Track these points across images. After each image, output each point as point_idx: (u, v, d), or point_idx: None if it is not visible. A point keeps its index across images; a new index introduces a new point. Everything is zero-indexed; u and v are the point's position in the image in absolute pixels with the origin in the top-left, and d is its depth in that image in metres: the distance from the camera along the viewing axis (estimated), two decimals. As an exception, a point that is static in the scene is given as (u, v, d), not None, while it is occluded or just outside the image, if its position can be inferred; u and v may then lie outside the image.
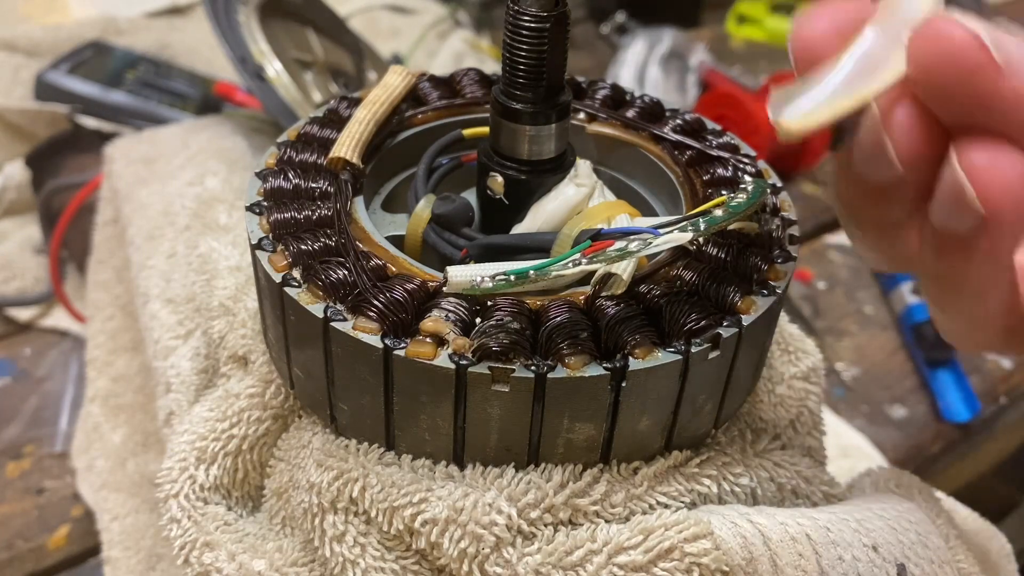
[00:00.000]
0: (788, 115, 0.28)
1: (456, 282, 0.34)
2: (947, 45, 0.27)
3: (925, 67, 0.28)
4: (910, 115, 0.29)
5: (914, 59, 0.28)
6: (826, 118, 0.28)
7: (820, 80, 0.29)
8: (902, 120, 0.29)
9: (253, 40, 0.72)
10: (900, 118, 0.29)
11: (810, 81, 0.29)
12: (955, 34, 0.27)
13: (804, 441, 0.47)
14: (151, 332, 0.56)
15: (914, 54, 0.28)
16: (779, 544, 0.36)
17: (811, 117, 0.28)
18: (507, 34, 0.40)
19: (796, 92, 0.29)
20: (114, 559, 0.61)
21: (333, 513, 0.38)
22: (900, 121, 0.29)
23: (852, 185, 0.33)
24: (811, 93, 0.29)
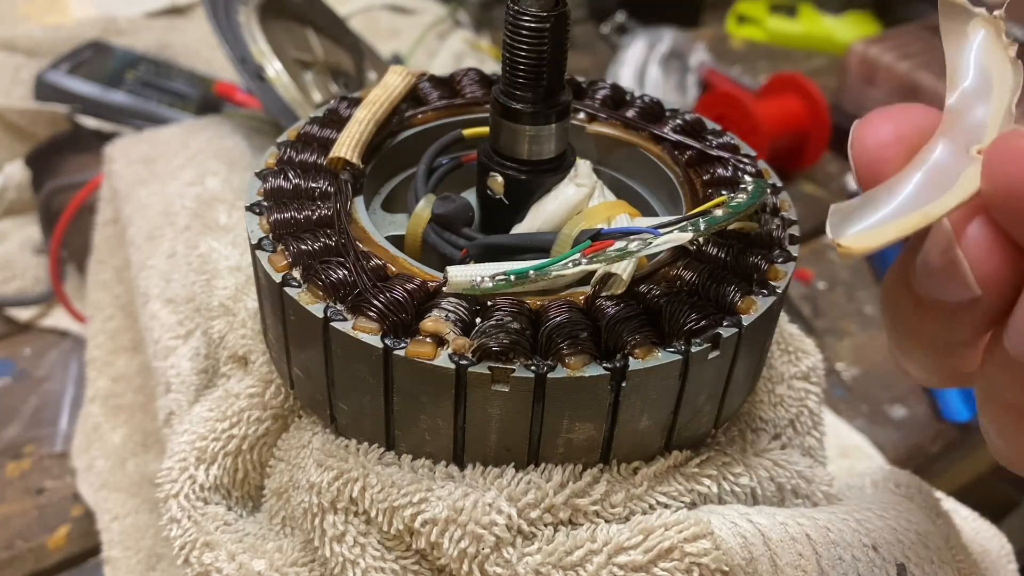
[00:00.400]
0: (851, 235, 0.26)
1: (456, 282, 0.34)
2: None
3: (1004, 187, 0.25)
4: (989, 233, 0.26)
5: (990, 177, 0.25)
6: (892, 238, 0.26)
7: (885, 197, 0.27)
8: (980, 238, 0.26)
9: (253, 40, 0.72)
10: (977, 236, 0.26)
11: (874, 197, 0.27)
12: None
13: (804, 441, 0.47)
14: (151, 332, 0.56)
15: (990, 172, 0.25)
16: (779, 544, 0.36)
17: (876, 237, 0.26)
18: (507, 34, 0.40)
19: (858, 209, 0.27)
20: (114, 559, 0.61)
21: (333, 513, 0.38)
22: (977, 239, 0.26)
23: (910, 303, 0.30)
24: (875, 211, 0.27)
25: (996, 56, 0.27)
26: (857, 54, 1.12)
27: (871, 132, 0.29)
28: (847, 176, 1.05)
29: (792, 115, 1.02)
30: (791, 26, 1.38)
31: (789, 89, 1.05)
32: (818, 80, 1.06)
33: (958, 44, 0.28)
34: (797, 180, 1.07)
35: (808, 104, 1.02)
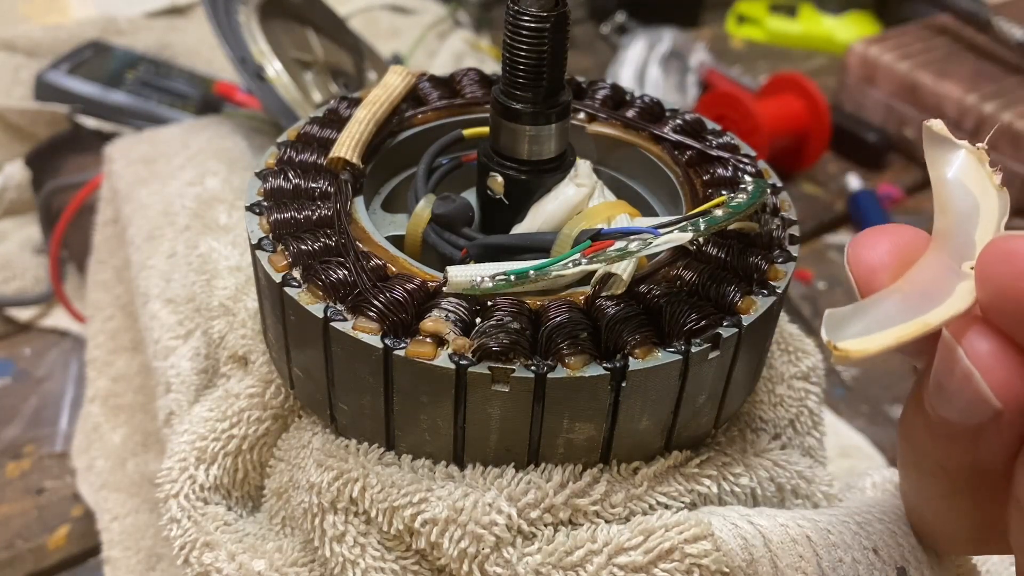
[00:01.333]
0: (846, 339, 0.26)
1: (456, 282, 0.34)
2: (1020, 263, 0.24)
3: (999, 290, 0.25)
4: (993, 341, 0.25)
5: (984, 282, 0.25)
6: (890, 344, 0.26)
7: (881, 306, 0.27)
8: (986, 347, 0.25)
9: (253, 40, 0.72)
10: (983, 346, 0.25)
11: (869, 305, 0.27)
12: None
13: (804, 441, 0.47)
14: (151, 332, 0.56)
15: (983, 277, 0.25)
16: (780, 546, 0.36)
17: (874, 342, 0.26)
18: (507, 34, 0.40)
19: (854, 315, 0.26)
20: (114, 559, 0.61)
21: (333, 513, 0.38)
22: (984, 349, 0.25)
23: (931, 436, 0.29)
24: (872, 318, 0.26)
25: (981, 183, 0.27)
26: (857, 54, 1.12)
27: (867, 248, 0.29)
28: (847, 176, 1.05)
29: (792, 115, 1.02)
30: (791, 26, 1.38)
31: (789, 89, 1.05)
32: (818, 80, 1.06)
33: (943, 172, 0.28)
34: (797, 180, 1.07)
35: (808, 104, 1.02)
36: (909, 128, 1.08)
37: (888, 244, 0.29)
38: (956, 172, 0.28)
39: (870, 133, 1.09)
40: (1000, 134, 1.00)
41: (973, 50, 1.12)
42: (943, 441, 0.29)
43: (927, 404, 0.28)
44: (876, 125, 1.11)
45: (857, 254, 0.29)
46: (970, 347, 0.25)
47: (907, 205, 1.03)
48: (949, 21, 1.16)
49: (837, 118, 1.07)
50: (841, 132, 1.07)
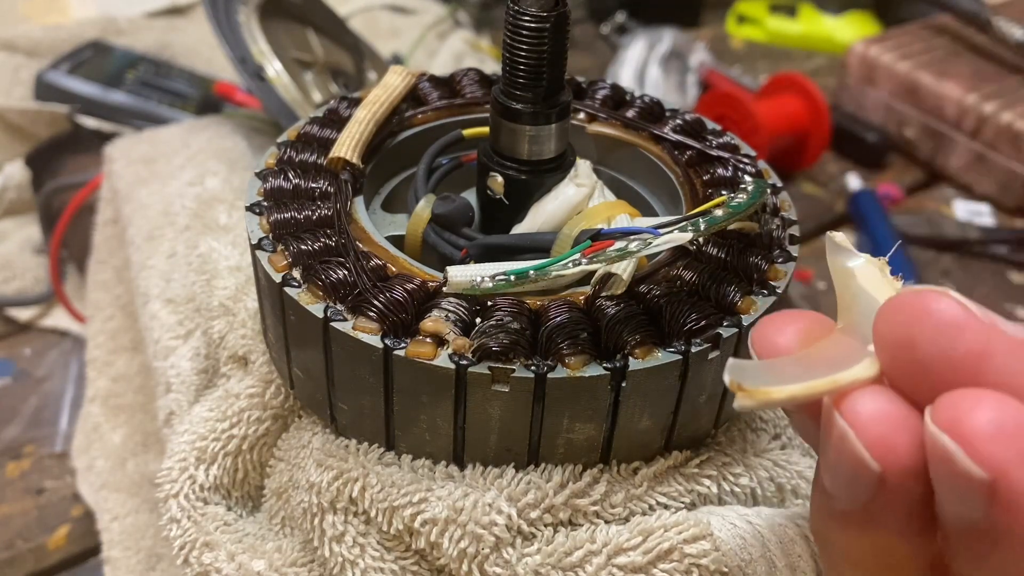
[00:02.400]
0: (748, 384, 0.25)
1: (456, 282, 0.34)
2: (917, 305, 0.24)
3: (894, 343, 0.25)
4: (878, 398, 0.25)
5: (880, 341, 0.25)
6: (798, 394, 0.25)
7: (786, 365, 0.27)
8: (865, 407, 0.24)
9: (253, 40, 0.72)
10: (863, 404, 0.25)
11: (774, 364, 0.28)
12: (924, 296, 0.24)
13: (804, 441, 0.47)
14: (151, 332, 0.56)
15: (879, 335, 0.25)
16: (777, 546, 0.36)
17: (781, 391, 0.25)
18: (507, 34, 0.40)
19: (758, 368, 0.27)
20: (114, 559, 0.61)
21: (332, 513, 0.38)
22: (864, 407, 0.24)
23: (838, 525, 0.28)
24: (776, 373, 0.26)
25: (883, 290, 0.28)
26: (857, 54, 1.12)
27: (774, 331, 0.29)
28: (847, 176, 1.05)
29: (792, 115, 1.02)
30: (791, 26, 1.38)
31: (789, 89, 1.05)
32: (818, 80, 1.06)
33: (846, 280, 0.29)
34: (797, 180, 1.07)
35: (808, 104, 1.02)
36: (909, 128, 1.08)
37: (795, 328, 0.28)
38: (856, 281, 0.28)
39: (870, 133, 1.09)
40: (1000, 134, 1.00)
41: (973, 50, 1.12)
42: (843, 530, 0.28)
43: (822, 487, 0.27)
44: (876, 125, 1.11)
45: (764, 335, 0.29)
46: (847, 407, 0.25)
47: (907, 205, 1.03)
48: (949, 21, 1.16)
49: (837, 118, 1.07)
50: (841, 132, 1.07)
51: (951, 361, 0.24)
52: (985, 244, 0.96)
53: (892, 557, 0.27)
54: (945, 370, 0.24)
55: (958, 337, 0.23)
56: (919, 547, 0.27)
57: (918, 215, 1.00)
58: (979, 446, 0.22)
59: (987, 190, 1.03)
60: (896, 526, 0.26)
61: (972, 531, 0.24)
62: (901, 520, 0.26)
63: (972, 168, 1.04)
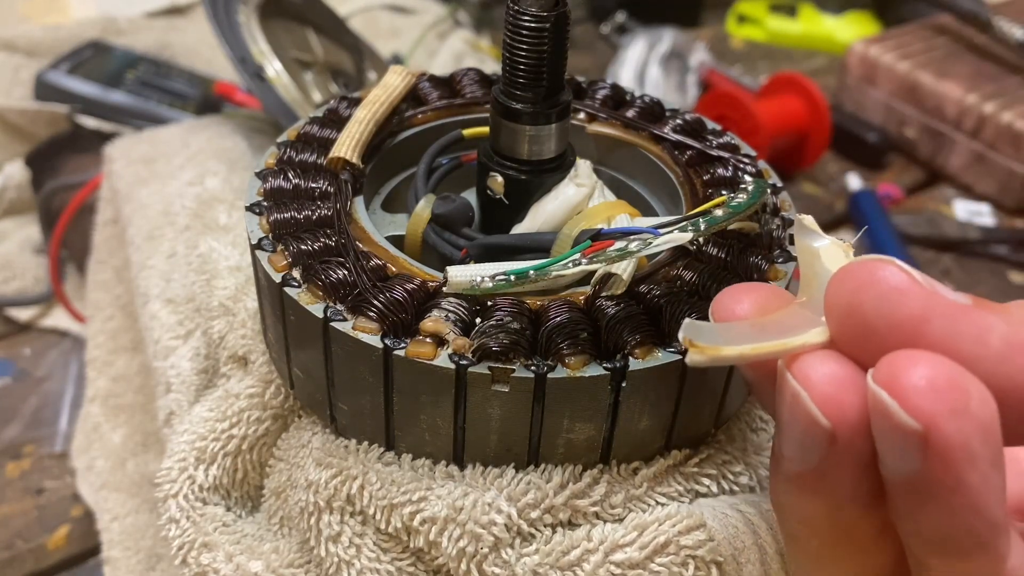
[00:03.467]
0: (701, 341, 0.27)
1: (456, 282, 0.34)
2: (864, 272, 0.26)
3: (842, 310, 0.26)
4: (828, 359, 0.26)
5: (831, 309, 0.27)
6: (747, 353, 0.27)
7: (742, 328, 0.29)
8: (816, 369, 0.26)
9: (253, 40, 0.72)
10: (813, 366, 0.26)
11: (728, 327, 0.29)
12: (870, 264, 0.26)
13: (804, 441, 0.47)
14: (151, 332, 0.56)
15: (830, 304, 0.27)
16: (767, 532, 0.36)
17: (731, 349, 0.27)
18: (507, 34, 0.40)
19: (714, 330, 0.28)
20: (114, 559, 0.61)
21: (329, 513, 0.38)
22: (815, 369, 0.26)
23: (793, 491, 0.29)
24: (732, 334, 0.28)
25: None
26: (857, 54, 1.12)
27: (732, 301, 0.30)
28: (847, 176, 1.05)
29: (792, 115, 1.02)
30: (791, 26, 1.38)
31: (789, 89, 1.05)
32: (818, 80, 1.06)
33: (810, 260, 0.30)
34: (797, 180, 1.07)
35: (808, 104, 1.02)
36: (909, 128, 1.08)
37: (752, 298, 0.30)
38: (823, 258, 0.30)
39: (870, 133, 1.09)
40: (1000, 134, 1.00)
41: (973, 50, 1.12)
42: (797, 492, 0.29)
43: (778, 453, 0.29)
44: (876, 125, 1.11)
45: (722, 304, 0.30)
46: (798, 369, 0.26)
47: (907, 205, 1.03)
48: (949, 21, 1.16)
49: (837, 118, 1.07)
50: (841, 132, 1.07)
51: (893, 324, 0.25)
52: (985, 244, 0.96)
53: (845, 520, 0.28)
54: (888, 333, 0.25)
55: (900, 302, 0.25)
56: (869, 510, 0.28)
57: (918, 215, 1.00)
58: (913, 400, 0.23)
59: (987, 190, 1.03)
60: (847, 486, 0.27)
61: (910, 485, 0.25)
62: (852, 480, 0.27)
63: (972, 168, 1.04)
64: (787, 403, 0.27)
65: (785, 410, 0.27)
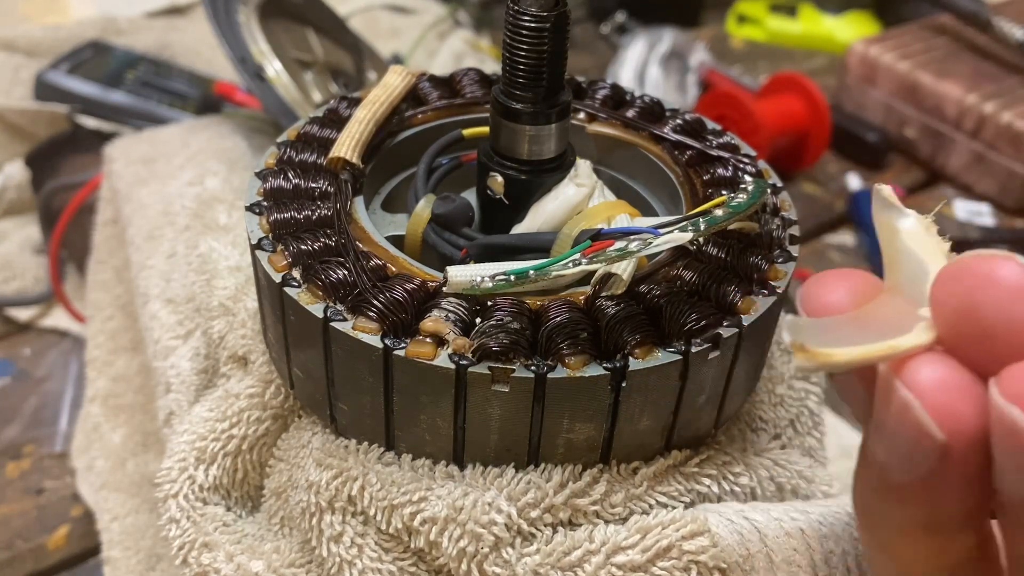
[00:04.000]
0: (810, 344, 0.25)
1: (456, 282, 0.34)
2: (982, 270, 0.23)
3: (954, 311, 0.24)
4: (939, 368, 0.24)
5: (939, 308, 0.24)
6: (854, 358, 0.25)
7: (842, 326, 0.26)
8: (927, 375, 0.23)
9: (253, 40, 0.72)
10: (925, 372, 0.24)
11: (830, 324, 0.27)
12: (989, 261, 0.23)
13: (804, 441, 0.47)
14: (151, 332, 0.56)
15: (938, 303, 0.24)
16: (775, 540, 0.36)
17: (838, 353, 0.25)
18: (507, 34, 0.40)
19: (816, 328, 0.26)
20: (114, 559, 0.61)
21: (331, 513, 0.38)
22: (926, 375, 0.23)
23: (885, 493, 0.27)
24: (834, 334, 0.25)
25: (929, 249, 0.27)
26: (857, 54, 1.12)
27: (825, 291, 0.28)
28: (847, 176, 1.05)
29: (792, 115, 1.02)
30: (791, 26, 1.38)
31: (789, 89, 1.05)
32: (818, 80, 1.06)
33: (892, 238, 0.28)
34: (797, 180, 1.07)
35: (808, 104, 1.02)
36: (909, 128, 1.08)
37: (846, 286, 0.28)
38: (902, 238, 0.28)
39: (870, 133, 1.09)
40: (1000, 134, 1.00)
41: (973, 50, 1.12)
42: (896, 504, 0.27)
43: (873, 460, 0.27)
44: (876, 125, 1.11)
45: (814, 294, 0.28)
46: (908, 375, 0.24)
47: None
48: (949, 21, 1.16)
49: (837, 118, 1.07)
50: (841, 132, 1.07)
51: (1018, 330, 0.23)
52: (985, 244, 0.96)
53: (945, 527, 0.26)
54: (1011, 339, 0.23)
55: None
56: (973, 516, 0.26)
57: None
58: None
59: (987, 190, 1.03)
60: (954, 496, 0.25)
61: None
62: (959, 490, 0.25)
63: (972, 168, 1.04)
64: (894, 411, 0.24)
65: (891, 418, 0.25)
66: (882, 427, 0.25)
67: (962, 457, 0.24)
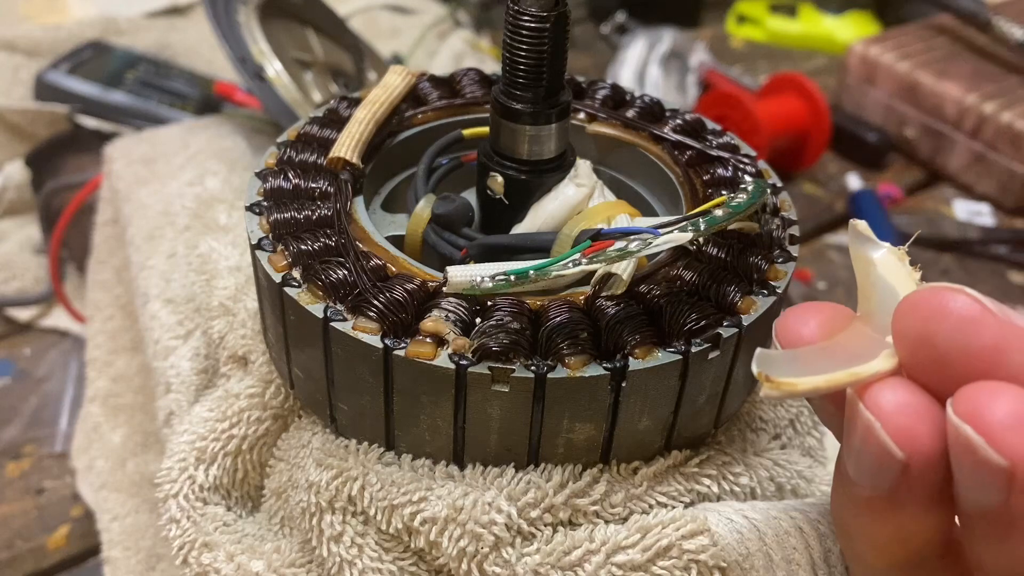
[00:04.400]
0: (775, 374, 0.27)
1: (456, 282, 0.34)
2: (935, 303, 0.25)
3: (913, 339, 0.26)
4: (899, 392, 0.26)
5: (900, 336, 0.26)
6: (817, 386, 0.27)
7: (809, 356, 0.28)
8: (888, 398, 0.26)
9: (253, 40, 0.72)
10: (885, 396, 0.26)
11: (799, 354, 0.29)
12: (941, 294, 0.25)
13: (804, 441, 0.47)
14: (151, 332, 0.56)
15: (899, 331, 0.26)
16: (774, 539, 0.36)
17: (805, 382, 0.27)
18: (507, 34, 0.40)
19: (784, 359, 0.28)
20: (114, 559, 0.61)
21: (331, 513, 0.38)
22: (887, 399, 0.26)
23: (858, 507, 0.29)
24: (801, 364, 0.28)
25: (902, 280, 0.29)
26: (857, 54, 1.12)
27: (797, 322, 0.30)
28: (847, 176, 1.05)
29: (792, 115, 1.02)
30: (791, 26, 1.38)
31: (789, 89, 1.05)
32: (818, 80, 1.06)
33: (866, 269, 0.30)
34: (797, 180, 1.07)
35: (808, 104, 1.02)
36: (909, 128, 1.08)
37: (818, 319, 0.29)
38: (877, 269, 0.29)
39: (870, 133, 1.09)
40: (1000, 134, 1.00)
41: (973, 50, 1.12)
42: (866, 516, 0.29)
43: (845, 476, 0.29)
44: (876, 125, 1.11)
45: (787, 326, 0.30)
46: (870, 398, 0.26)
47: (907, 205, 1.03)
48: (949, 21, 1.16)
49: (837, 118, 1.07)
50: (841, 132, 1.07)
51: (969, 355, 0.25)
52: (985, 244, 0.96)
53: (912, 538, 0.28)
54: (963, 364, 0.25)
55: (975, 333, 0.25)
56: (938, 527, 0.28)
57: (918, 215, 1.00)
58: (999, 435, 0.23)
59: (987, 190, 1.03)
60: (917, 509, 0.27)
61: (990, 515, 0.25)
62: (922, 503, 0.27)
63: (972, 168, 1.04)
64: (859, 432, 0.26)
65: (856, 438, 0.27)
66: (850, 446, 0.28)
67: (921, 473, 0.26)
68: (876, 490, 0.27)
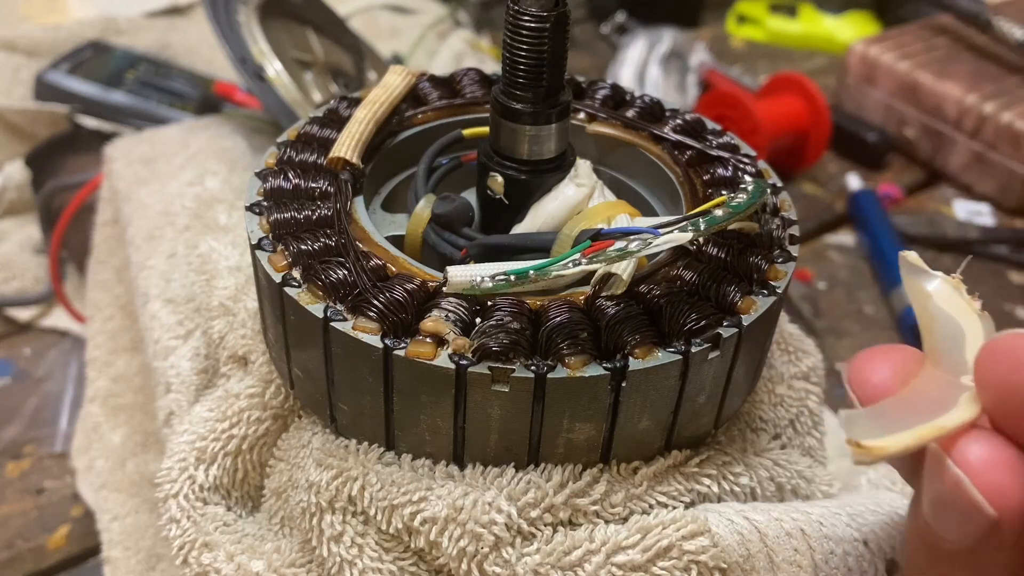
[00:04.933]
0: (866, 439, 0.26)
1: (456, 282, 0.34)
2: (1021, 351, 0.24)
3: (1000, 388, 0.25)
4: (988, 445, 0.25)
5: (984, 383, 0.25)
6: (907, 445, 0.26)
7: (891, 410, 0.28)
8: (977, 453, 0.25)
9: (253, 40, 0.72)
10: (975, 450, 0.25)
11: (881, 410, 0.28)
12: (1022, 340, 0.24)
13: (804, 441, 0.47)
14: (151, 332, 0.56)
15: (983, 379, 0.25)
16: (775, 540, 0.36)
17: (891, 443, 0.26)
18: (507, 34, 0.40)
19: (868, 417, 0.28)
20: (114, 559, 0.61)
21: (331, 513, 0.38)
22: (976, 454, 0.25)
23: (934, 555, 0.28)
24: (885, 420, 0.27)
25: (961, 309, 0.29)
26: (857, 54, 1.12)
27: (870, 371, 0.29)
28: (847, 176, 1.05)
29: (792, 115, 1.02)
30: (791, 26, 1.38)
31: (789, 89, 1.05)
32: (818, 80, 1.06)
33: (923, 302, 0.29)
34: (797, 180, 1.07)
35: (808, 104, 1.02)
36: (909, 128, 1.08)
37: (890, 366, 0.29)
38: (936, 299, 0.29)
39: (870, 133, 1.09)
40: (1000, 134, 1.00)
41: (973, 50, 1.12)
42: (947, 563, 0.28)
43: (922, 522, 0.28)
44: (876, 125, 1.11)
45: (860, 377, 0.29)
46: (959, 453, 0.25)
47: (907, 205, 1.03)
48: (949, 21, 1.16)
49: (837, 118, 1.07)
50: (841, 132, 1.07)
51: None
52: (985, 244, 0.96)
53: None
54: None
55: None
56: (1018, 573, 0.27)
57: (918, 215, 1.00)
58: None
59: (987, 190, 1.03)
60: (1001, 562, 0.27)
61: None
62: (1007, 557, 0.26)
63: (972, 168, 1.04)
64: (947, 487, 0.26)
65: (942, 491, 0.26)
66: (933, 497, 0.27)
67: (1011, 529, 0.25)
68: (959, 544, 0.26)
